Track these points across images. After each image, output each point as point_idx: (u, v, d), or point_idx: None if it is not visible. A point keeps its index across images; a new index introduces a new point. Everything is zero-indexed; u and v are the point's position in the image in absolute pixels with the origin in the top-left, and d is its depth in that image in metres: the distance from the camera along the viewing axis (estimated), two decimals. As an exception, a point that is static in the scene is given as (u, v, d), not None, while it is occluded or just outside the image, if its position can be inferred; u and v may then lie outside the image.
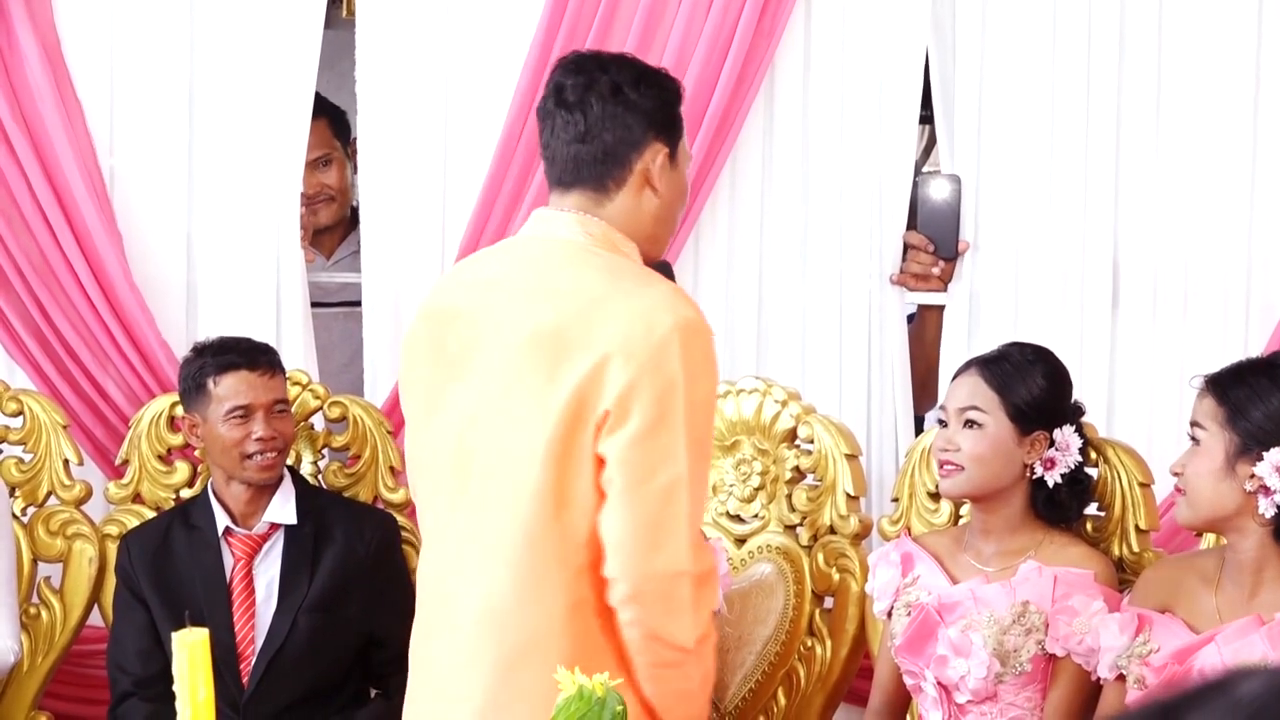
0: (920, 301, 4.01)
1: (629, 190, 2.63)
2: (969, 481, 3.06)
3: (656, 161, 2.63)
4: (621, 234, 2.62)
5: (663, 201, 2.64)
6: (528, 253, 2.69)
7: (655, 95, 2.65)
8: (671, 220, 2.69)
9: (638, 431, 2.46)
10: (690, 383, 2.48)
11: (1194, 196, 3.83)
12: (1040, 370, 3.09)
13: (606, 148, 2.61)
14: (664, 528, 2.47)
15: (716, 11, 3.81)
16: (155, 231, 4.04)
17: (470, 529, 2.59)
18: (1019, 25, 3.83)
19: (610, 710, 2.00)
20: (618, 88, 2.62)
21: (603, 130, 2.61)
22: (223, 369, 3.56)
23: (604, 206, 2.63)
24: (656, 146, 2.63)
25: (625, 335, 2.47)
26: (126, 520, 3.75)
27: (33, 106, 3.94)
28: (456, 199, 3.98)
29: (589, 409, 2.47)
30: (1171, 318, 3.84)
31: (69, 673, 3.87)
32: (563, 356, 2.50)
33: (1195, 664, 2.77)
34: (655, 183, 2.63)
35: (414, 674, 2.69)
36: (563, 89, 2.64)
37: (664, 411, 2.46)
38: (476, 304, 2.65)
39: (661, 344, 2.46)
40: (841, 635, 3.49)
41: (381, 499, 3.76)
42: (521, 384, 2.53)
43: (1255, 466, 2.74)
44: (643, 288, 2.54)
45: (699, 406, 2.51)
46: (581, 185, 2.64)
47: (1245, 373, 2.81)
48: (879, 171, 3.88)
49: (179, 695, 2.03)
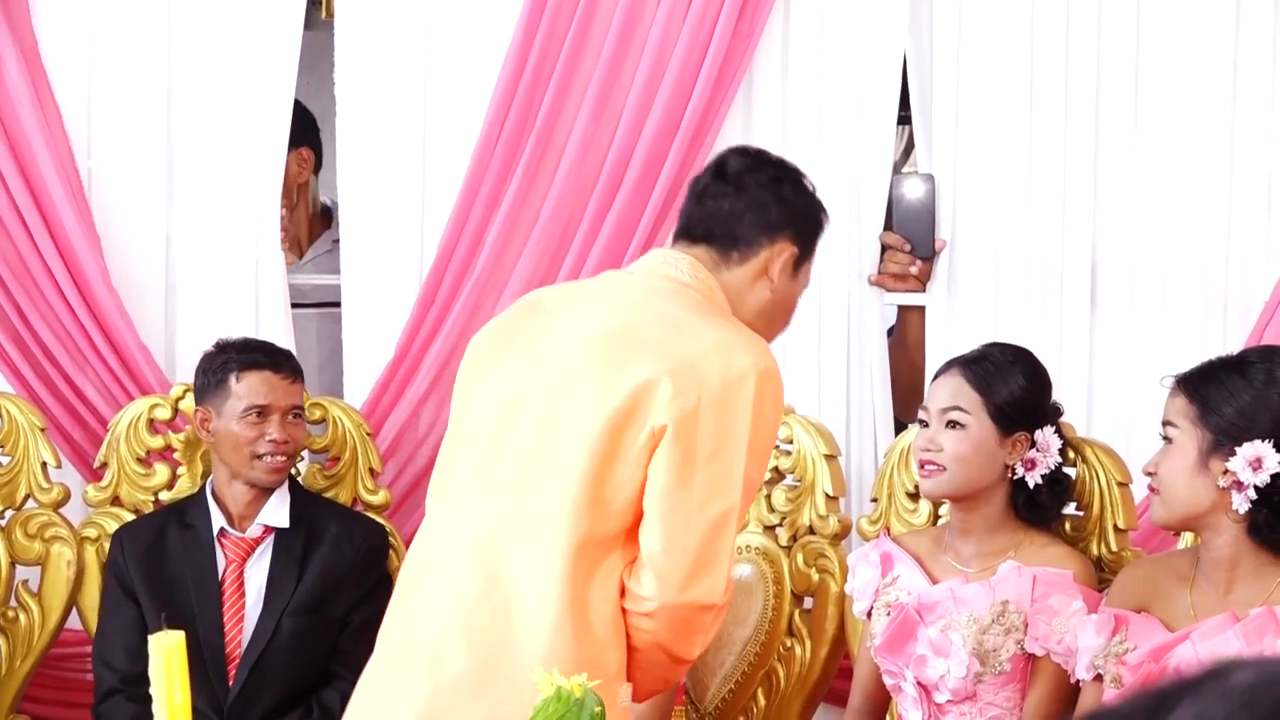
0: (899, 302, 4.02)
1: (747, 271, 2.69)
2: (951, 482, 3.06)
3: (782, 257, 2.70)
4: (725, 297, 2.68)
5: (774, 298, 2.71)
6: (629, 277, 2.76)
7: (806, 202, 2.75)
8: (771, 322, 2.74)
9: (696, 458, 2.49)
10: (757, 424, 2.53)
11: (1172, 195, 3.84)
12: (1021, 370, 3.10)
13: (744, 224, 2.69)
14: (706, 559, 2.51)
15: (695, 13, 3.81)
16: (133, 234, 4.03)
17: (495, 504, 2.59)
18: (997, 25, 3.84)
19: (589, 711, 2.01)
20: (778, 180, 2.73)
21: (748, 209, 2.69)
22: (246, 366, 3.56)
23: (720, 273, 2.69)
24: (787, 244, 2.70)
25: (702, 359, 2.52)
26: (105, 523, 3.74)
27: (10, 108, 3.93)
28: (435, 200, 3.98)
29: (642, 415, 2.50)
30: (1150, 316, 3.86)
31: (47, 676, 3.85)
32: (632, 357, 2.54)
33: (1170, 662, 2.78)
34: (773, 277, 2.69)
35: (384, 643, 2.66)
36: (724, 164, 2.75)
37: (724, 444, 2.50)
38: (563, 302, 2.74)
39: (737, 380, 2.51)
40: (821, 636, 3.49)
41: (361, 501, 3.76)
42: (585, 373, 2.57)
43: (1228, 462, 2.75)
44: (731, 327, 2.60)
45: (758, 451, 2.56)
46: (708, 244, 2.70)
47: (1216, 370, 2.82)
48: (857, 172, 3.89)
49: (156, 698, 2.03)
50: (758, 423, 2.53)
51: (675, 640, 2.55)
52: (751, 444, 2.52)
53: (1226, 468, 2.75)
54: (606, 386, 2.53)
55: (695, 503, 2.49)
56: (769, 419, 2.57)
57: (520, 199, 3.89)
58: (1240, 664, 0.94)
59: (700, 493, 2.50)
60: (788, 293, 2.74)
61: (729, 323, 2.62)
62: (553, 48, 3.86)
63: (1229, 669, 0.94)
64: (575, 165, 3.85)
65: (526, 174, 3.88)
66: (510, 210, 3.89)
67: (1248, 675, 0.93)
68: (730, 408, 2.50)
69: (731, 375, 2.51)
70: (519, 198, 3.88)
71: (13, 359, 3.97)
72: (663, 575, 2.49)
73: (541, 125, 3.87)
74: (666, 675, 2.64)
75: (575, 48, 3.86)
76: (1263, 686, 0.92)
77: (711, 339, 2.55)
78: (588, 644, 2.51)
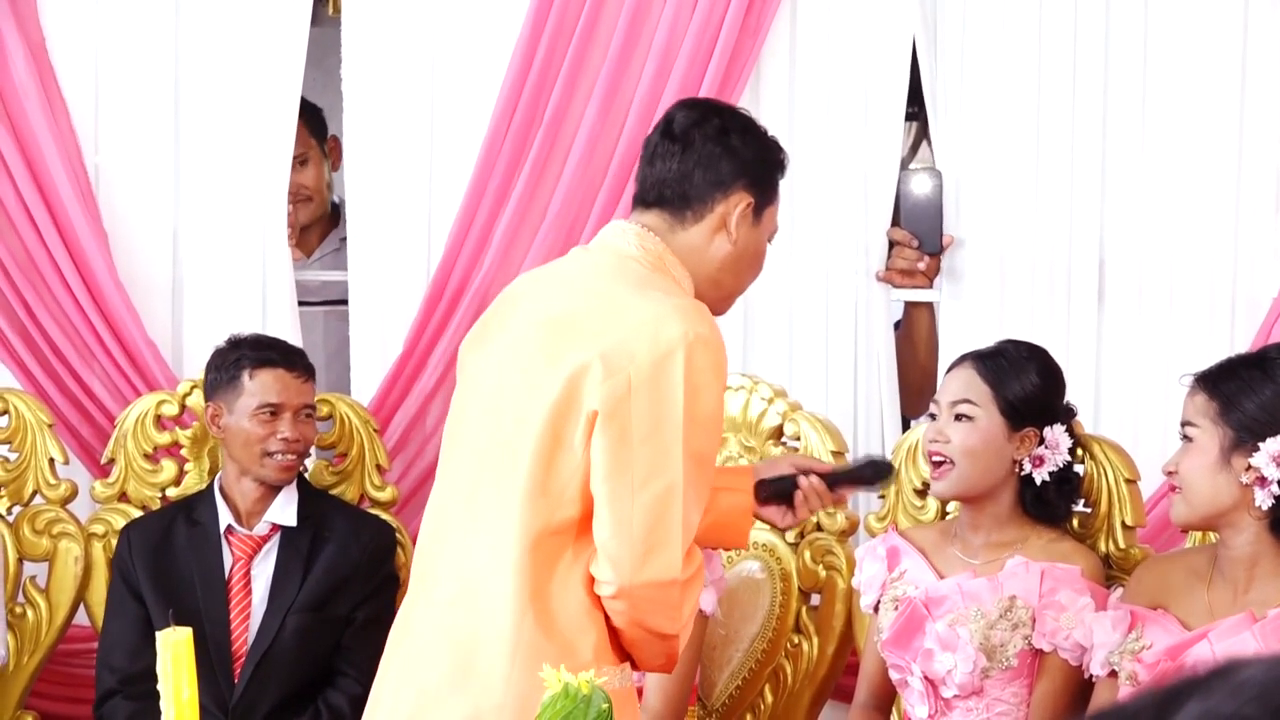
0: (906, 298, 4.01)
1: (704, 228, 2.64)
2: (960, 478, 3.06)
3: (739, 209, 2.64)
4: (680, 264, 2.64)
5: (735, 252, 2.65)
6: (584, 256, 2.73)
7: (757, 149, 2.69)
8: (738, 275, 2.69)
9: (631, 438, 2.47)
10: (692, 396, 2.48)
11: (1180, 192, 3.84)
12: (1035, 367, 3.10)
13: (695, 181, 2.64)
14: (656, 537, 2.47)
15: (702, 9, 3.81)
16: (141, 229, 4.03)
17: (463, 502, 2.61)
18: (1004, 22, 3.84)
19: (596, 708, 2.00)
20: (724, 131, 2.67)
21: (696, 165, 2.64)
22: (260, 364, 3.56)
23: (675, 234, 2.65)
24: (742, 195, 2.64)
25: (633, 337, 2.49)
26: (112, 519, 3.74)
27: (17, 104, 3.93)
28: (442, 197, 3.98)
29: (578, 402, 2.49)
30: (1157, 313, 3.85)
31: (55, 672, 3.86)
32: (566, 346, 2.52)
33: (1187, 661, 2.77)
34: (731, 229, 2.64)
35: (388, 645, 2.69)
36: (671, 121, 2.69)
37: (660, 421, 2.47)
38: (527, 289, 2.73)
39: (666, 355, 2.47)
40: (828, 632, 3.49)
41: (368, 497, 3.76)
42: (528, 363, 2.57)
43: (1252, 458, 2.73)
44: (665, 299, 2.54)
45: (700, 421, 2.50)
46: (661, 208, 2.66)
47: (1236, 367, 2.81)
48: (865, 168, 3.89)
49: (163, 695, 2.03)
50: (693, 393, 2.48)
51: (649, 618, 2.52)
52: (690, 415, 2.47)
53: (1250, 464, 2.74)
54: (546, 375, 2.52)
55: (636, 483, 2.46)
56: (707, 386, 2.50)
57: (528, 195, 3.89)
58: (1249, 661, 0.94)
59: (640, 472, 2.46)
60: (750, 242, 2.67)
61: (664, 294, 2.56)
62: (560, 44, 3.86)
63: (1237, 666, 0.94)
64: (582, 161, 3.85)
65: (534, 170, 3.88)
66: (518, 206, 3.89)
67: (1257, 672, 0.93)
68: (661, 383, 2.46)
69: (660, 351, 2.47)
70: (526, 194, 3.88)
71: (20, 355, 3.97)
72: (615, 560, 2.48)
73: (549, 121, 3.87)
74: (661, 650, 2.60)
75: (582, 44, 3.85)
76: (1273, 683, 0.92)
77: (642, 315, 2.51)
78: (555, 634, 2.50)
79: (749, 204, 2.65)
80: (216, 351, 3.64)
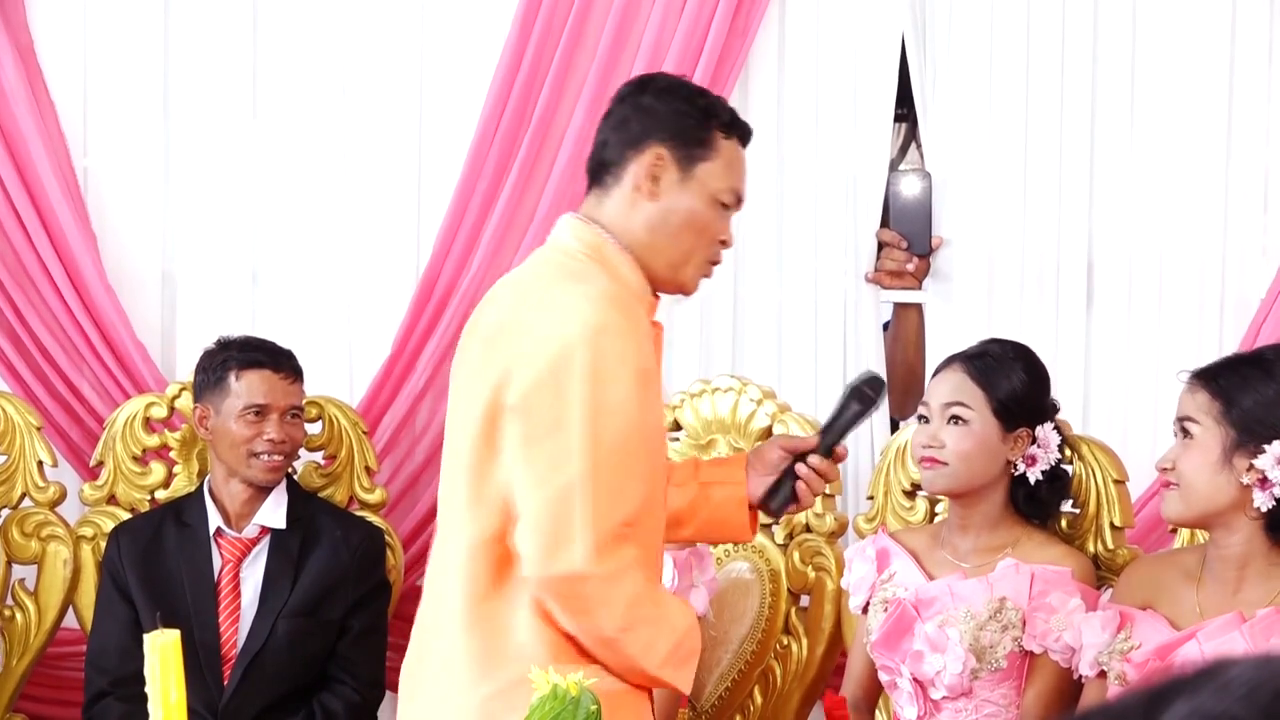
0: (895, 299, 4.02)
1: (623, 191, 2.59)
2: (953, 477, 3.05)
3: (648, 164, 2.57)
4: (616, 241, 2.59)
5: (660, 211, 2.57)
6: (537, 257, 2.70)
7: (673, 104, 2.60)
8: (675, 237, 2.59)
9: (534, 435, 2.45)
10: (598, 386, 2.43)
11: (1168, 192, 3.85)
12: (1021, 366, 3.09)
13: (610, 149, 2.61)
14: (560, 531, 2.44)
15: (690, 10, 3.81)
16: (130, 232, 4.03)
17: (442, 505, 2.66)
18: (993, 23, 3.84)
19: (584, 709, 2.00)
20: (638, 91, 2.63)
21: (612, 130, 2.61)
22: (246, 365, 3.56)
23: (603, 206, 2.61)
24: (656, 151, 2.57)
25: (541, 336, 2.47)
26: (101, 522, 3.74)
27: (6, 107, 3.93)
28: (431, 197, 3.98)
29: (501, 409, 2.48)
30: (1146, 313, 3.86)
31: (44, 674, 3.85)
32: (494, 354, 2.53)
33: (1176, 661, 2.76)
34: (644, 186, 2.57)
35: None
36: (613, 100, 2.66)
37: (561, 417, 2.44)
38: (487, 299, 2.69)
39: (566, 350, 2.44)
40: (817, 634, 3.49)
41: (357, 499, 3.76)
42: (471, 371, 2.59)
43: (1255, 459, 2.72)
44: (575, 290, 2.50)
45: (612, 410, 2.45)
46: (592, 186, 2.64)
47: (1236, 365, 2.79)
48: (854, 170, 3.89)
49: (151, 697, 2.02)
50: (599, 384, 2.43)
51: (576, 617, 2.48)
52: (598, 406, 2.43)
53: (1252, 464, 2.72)
54: (480, 384, 2.52)
55: (539, 478, 2.45)
56: (613, 375, 2.44)
57: (516, 195, 3.89)
58: (1236, 660, 0.95)
59: (541, 468, 2.45)
60: (682, 201, 2.57)
61: (579, 285, 2.51)
62: (549, 44, 3.86)
63: (1225, 665, 0.94)
64: (571, 161, 3.85)
65: (522, 170, 3.88)
66: (506, 206, 3.89)
67: (1244, 670, 0.93)
68: (562, 377, 2.43)
69: (560, 344, 2.44)
70: (514, 196, 3.88)
71: (9, 357, 3.97)
72: (526, 554, 2.47)
73: (538, 121, 3.87)
74: (616, 659, 2.52)
75: (571, 44, 3.86)
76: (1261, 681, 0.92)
77: (552, 311, 2.49)
78: (502, 639, 2.50)
79: (660, 156, 2.57)
80: (204, 353, 3.64)
